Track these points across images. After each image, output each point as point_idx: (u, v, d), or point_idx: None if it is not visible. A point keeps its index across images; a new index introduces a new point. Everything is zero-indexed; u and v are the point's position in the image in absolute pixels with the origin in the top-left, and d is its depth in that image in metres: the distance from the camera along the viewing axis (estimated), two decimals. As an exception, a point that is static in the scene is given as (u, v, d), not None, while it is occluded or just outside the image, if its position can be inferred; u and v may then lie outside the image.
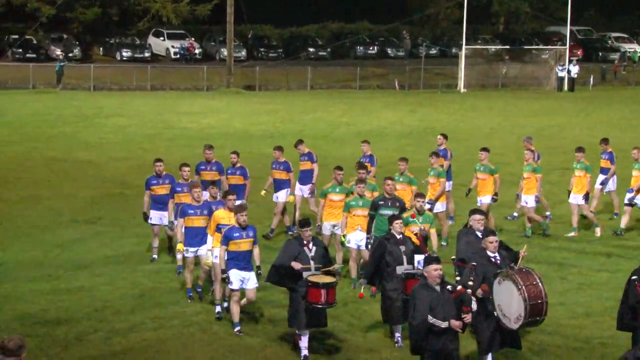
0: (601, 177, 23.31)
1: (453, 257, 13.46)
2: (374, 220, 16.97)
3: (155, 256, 19.20)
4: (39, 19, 62.53)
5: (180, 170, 18.67)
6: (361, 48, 72.96)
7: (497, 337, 12.71)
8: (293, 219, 21.67)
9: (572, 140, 37.04)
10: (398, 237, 14.57)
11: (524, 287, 12.13)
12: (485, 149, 22.03)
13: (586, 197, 21.86)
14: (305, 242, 14.10)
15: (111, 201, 25.12)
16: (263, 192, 21.48)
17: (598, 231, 21.88)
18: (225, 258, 14.75)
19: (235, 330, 14.87)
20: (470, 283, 12.08)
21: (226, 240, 14.73)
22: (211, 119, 43.14)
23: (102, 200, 25.29)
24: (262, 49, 70.33)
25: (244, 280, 14.81)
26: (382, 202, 17.03)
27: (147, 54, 65.44)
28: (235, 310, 14.94)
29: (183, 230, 16.42)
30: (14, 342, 9.09)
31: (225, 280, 14.83)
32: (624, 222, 22.04)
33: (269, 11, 73.65)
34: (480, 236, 13.86)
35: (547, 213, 22.59)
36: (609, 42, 76.49)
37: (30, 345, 11.32)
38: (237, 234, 14.71)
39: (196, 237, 16.32)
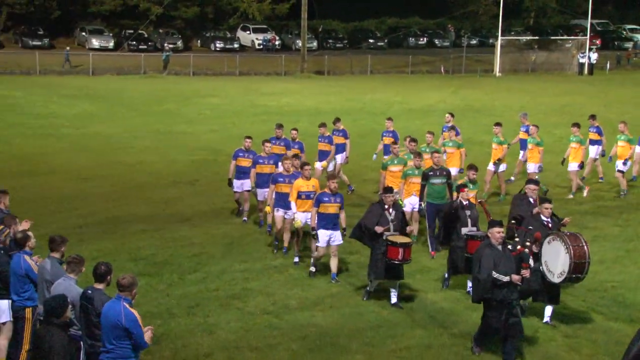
0: (591, 148, 22.65)
1: (512, 221, 13.31)
2: (425, 188, 16.55)
3: (244, 217, 18.93)
4: (149, 17, 63.02)
5: (262, 145, 18.23)
6: (413, 39, 72.61)
7: (543, 291, 12.69)
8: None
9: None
10: (464, 203, 14.22)
11: (571, 247, 12.09)
12: (498, 124, 21.76)
13: (581, 165, 21.48)
14: (387, 206, 13.72)
15: (206, 166, 25.29)
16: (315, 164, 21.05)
17: (585, 192, 21.64)
18: (317, 219, 14.54)
19: (333, 280, 14.76)
20: (527, 244, 12.05)
21: (317, 203, 14.50)
22: (288, 98, 43.10)
23: (198, 165, 25.48)
24: (330, 40, 70.09)
25: (330, 237, 14.57)
26: (431, 173, 16.57)
27: (236, 45, 65.51)
28: (334, 264, 14.74)
29: (274, 195, 16.15)
30: (126, 279, 9.23)
31: (314, 237, 14.54)
32: (623, 184, 21.66)
33: (336, 8, 73.52)
34: (532, 202, 13.86)
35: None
36: (624, 32, 75.08)
37: (141, 283, 11.50)
38: (327, 199, 14.47)
39: (283, 200, 15.96)
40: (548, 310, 12.91)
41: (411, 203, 17.09)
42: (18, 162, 25.17)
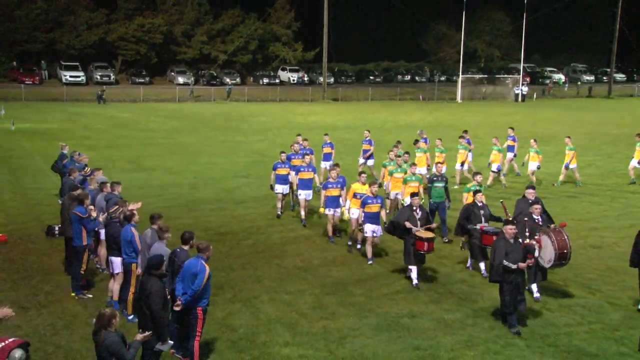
0: (468, 153, 21.41)
1: (526, 219, 11.74)
2: (430, 190, 15.36)
3: (279, 213, 17.13)
4: (217, 62, 63.10)
5: (303, 157, 16.94)
6: (400, 76, 72.68)
7: (538, 273, 11.65)
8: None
9: (524, 130, 35.90)
10: (479, 204, 12.88)
11: (555, 241, 11.27)
12: (439, 139, 21.33)
13: (462, 164, 20.96)
14: (414, 207, 12.44)
15: (256, 165, 25.15)
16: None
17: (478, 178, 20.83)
18: (363, 216, 13.43)
19: (369, 262, 13.48)
20: (527, 234, 11.10)
21: (363, 204, 13.38)
22: (313, 117, 42.94)
23: (251, 164, 25.33)
24: (343, 77, 70.21)
25: (374, 230, 13.42)
26: (435, 178, 15.39)
27: (277, 81, 65.49)
28: (369, 250, 13.54)
29: (324, 197, 14.72)
30: (203, 244, 9.18)
31: (361, 231, 13.58)
32: (490, 179, 21.03)
33: (347, 55, 73.85)
34: (531, 202, 12.52)
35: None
36: (545, 73, 74.60)
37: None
38: (370, 200, 13.31)
39: (333, 202, 14.69)
40: (534, 287, 11.77)
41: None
42: (128, 163, 25.19)
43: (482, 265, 12.98)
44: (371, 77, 71.22)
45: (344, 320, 10.77)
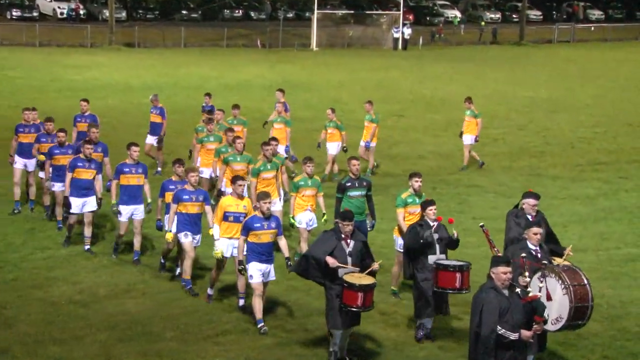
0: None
1: (524, 254, 9.82)
2: (341, 203, 13.73)
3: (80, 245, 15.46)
4: None
5: (128, 151, 14.67)
6: (228, 11, 73.39)
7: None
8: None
9: (405, 91, 37.62)
10: (432, 224, 11.77)
11: (571, 287, 9.81)
12: (369, 101, 21.85)
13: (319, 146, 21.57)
14: (343, 235, 10.99)
15: (3, 148, 23.97)
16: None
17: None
18: (245, 250, 11.95)
19: (259, 326, 12.00)
20: (527, 279, 9.33)
21: (245, 230, 11.83)
22: (95, 72, 41.97)
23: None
24: (141, 11, 69.48)
25: (263, 272, 11.99)
26: (349, 184, 13.84)
27: (35, 14, 63.55)
28: (258, 306, 12.02)
29: (175, 217, 13.31)
30: None
31: (242, 273, 12.01)
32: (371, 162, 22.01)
33: (147, -23, 72.53)
34: (531, 220, 11.42)
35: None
36: (435, 8, 78.15)
37: None
38: (259, 225, 11.80)
39: (192, 223, 13.40)
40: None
41: (307, 220, 14.54)
42: None
43: (427, 324, 11.87)
44: (184, 12, 70.93)
45: (147, 379, 10.72)
